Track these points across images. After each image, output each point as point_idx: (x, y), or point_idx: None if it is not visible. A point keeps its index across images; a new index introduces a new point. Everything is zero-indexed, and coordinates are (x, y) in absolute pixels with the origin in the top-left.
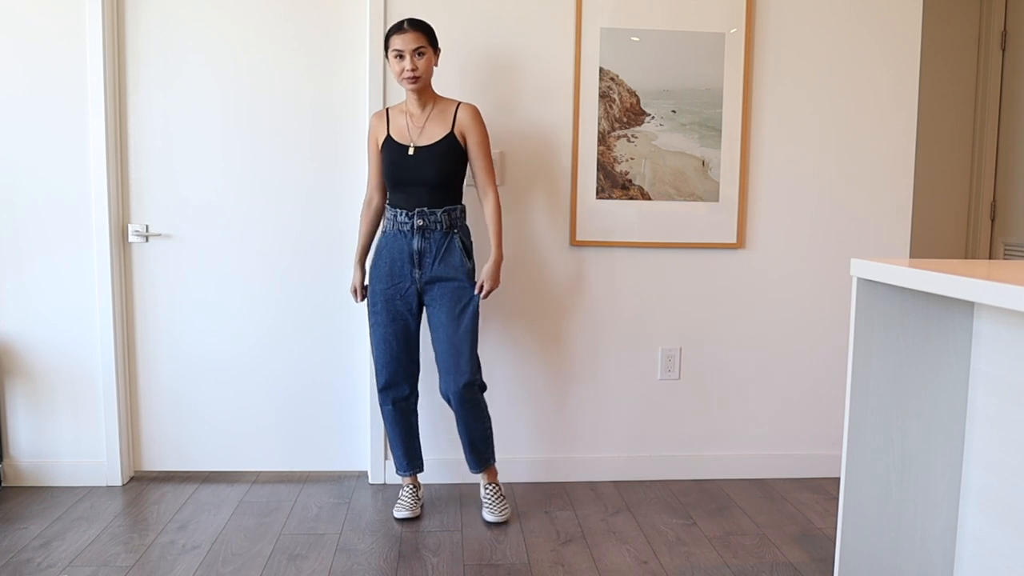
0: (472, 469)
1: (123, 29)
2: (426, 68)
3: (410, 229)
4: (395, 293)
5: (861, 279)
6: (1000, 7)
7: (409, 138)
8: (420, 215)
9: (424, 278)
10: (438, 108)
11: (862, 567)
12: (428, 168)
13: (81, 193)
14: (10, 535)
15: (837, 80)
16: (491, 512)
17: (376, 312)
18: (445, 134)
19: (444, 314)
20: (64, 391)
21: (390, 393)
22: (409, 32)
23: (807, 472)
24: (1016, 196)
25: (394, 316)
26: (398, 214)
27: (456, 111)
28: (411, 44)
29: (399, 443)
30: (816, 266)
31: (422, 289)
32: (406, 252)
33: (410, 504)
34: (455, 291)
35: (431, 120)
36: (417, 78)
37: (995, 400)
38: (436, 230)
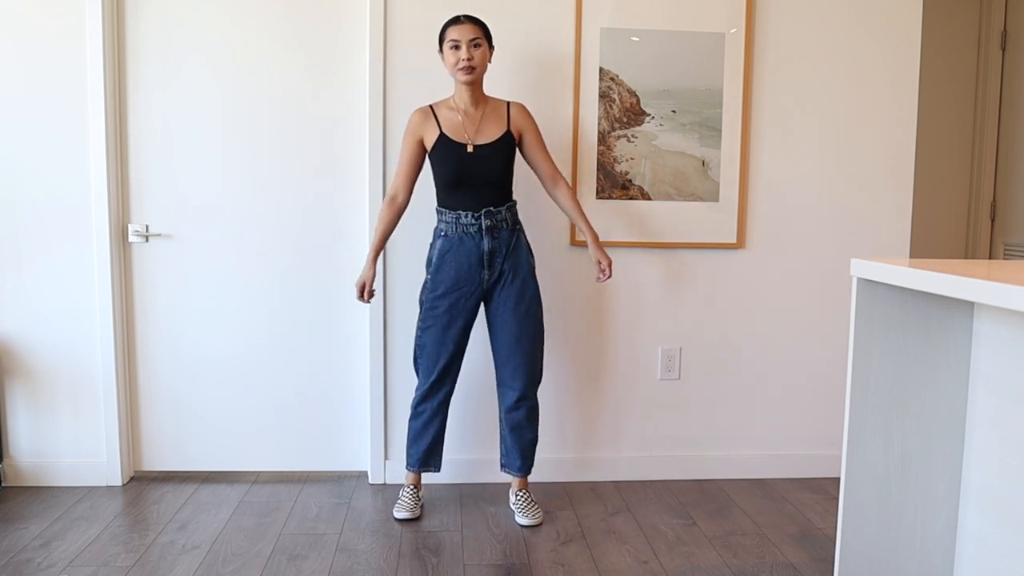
0: (513, 472)
1: (123, 29)
2: (481, 60)
3: (478, 230)
4: (460, 297)
5: (861, 279)
6: (1000, 7)
7: (466, 136)
8: (488, 215)
9: (492, 279)
10: (491, 107)
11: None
12: (491, 166)
13: (81, 193)
14: (10, 535)
15: (837, 80)
16: (526, 516)
17: (437, 316)
18: (503, 132)
19: (510, 314)
20: (64, 391)
21: (438, 394)
22: (466, 24)
23: (807, 472)
24: (1016, 196)
25: (457, 319)
26: (462, 216)
27: (508, 109)
28: (468, 35)
29: (428, 441)
30: (816, 266)
31: (488, 290)
32: (475, 254)
33: (410, 505)
34: (521, 290)
35: (486, 118)
36: (472, 68)
37: (995, 400)
38: (503, 228)
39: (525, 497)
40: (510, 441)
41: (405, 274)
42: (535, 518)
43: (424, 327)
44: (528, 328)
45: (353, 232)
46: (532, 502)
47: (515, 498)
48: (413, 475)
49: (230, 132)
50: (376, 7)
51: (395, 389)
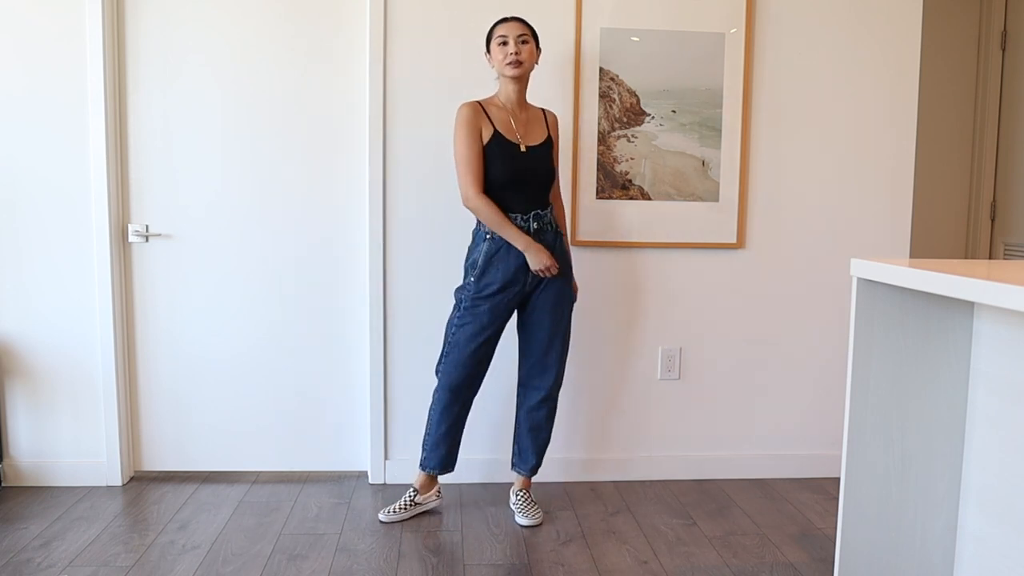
0: (524, 472)
1: (123, 29)
2: (529, 57)
3: (528, 232)
4: (503, 299)
5: (861, 279)
6: (1000, 7)
7: (517, 136)
8: (536, 218)
9: (535, 282)
10: (533, 111)
11: (862, 567)
12: (542, 167)
13: (81, 193)
14: (10, 535)
15: (837, 80)
16: (526, 517)
17: (478, 315)
18: (546, 136)
19: (547, 315)
20: (64, 391)
21: (463, 394)
22: (514, 22)
23: (807, 472)
24: (1016, 196)
25: (495, 321)
26: (514, 218)
27: (546, 115)
28: (515, 31)
29: (448, 442)
30: (816, 266)
31: (529, 291)
32: (522, 257)
33: (400, 510)
34: (561, 290)
35: (531, 120)
36: (520, 63)
37: (995, 400)
38: (548, 231)
39: (525, 497)
40: (527, 440)
41: (405, 275)
42: (535, 518)
43: (459, 324)
44: (562, 329)
45: (353, 232)
46: (532, 502)
47: (515, 498)
48: (426, 477)
49: (230, 132)
50: (376, 7)
51: (395, 389)
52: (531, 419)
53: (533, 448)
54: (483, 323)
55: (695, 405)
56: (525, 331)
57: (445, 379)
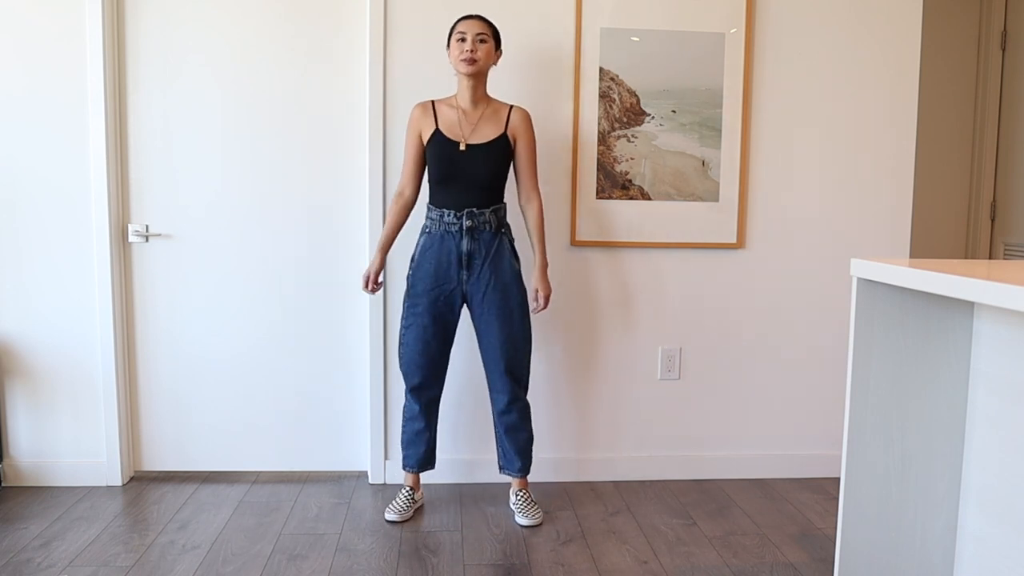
0: (514, 473)
1: (123, 29)
2: (485, 56)
3: (459, 230)
4: (439, 295)
5: (861, 279)
6: (1000, 7)
7: (460, 135)
8: (469, 216)
9: (471, 280)
10: (491, 108)
11: (862, 567)
12: (479, 167)
13: (81, 193)
14: (10, 535)
15: (837, 80)
16: (526, 517)
17: (417, 313)
18: (498, 134)
19: (494, 319)
20: (64, 391)
21: (423, 394)
22: (475, 19)
23: (807, 472)
24: (1016, 196)
25: (436, 318)
26: (445, 214)
27: (510, 113)
28: (475, 29)
29: (422, 441)
30: (816, 266)
31: (467, 292)
32: (454, 254)
33: (402, 508)
34: (504, 295)
35: (484, 119)
36: (475, 61)
37: (995, 400)
38: (485, 231)
39: (525, 497)
40: (506, 443)
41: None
42: (535, 518)
43: (405, 326)
44: (514, 332)
45: (353, 232)
46: (532, 502)
47: (515, 498)
48: (412, 476)
49: (230, 132)
50: (376, 7)
51: (395, 389)
52: (504, 423)
53: (514, 450)
54: (424, 322)
55: (695, 405)
56: (478, 336)
57: (405, 381)
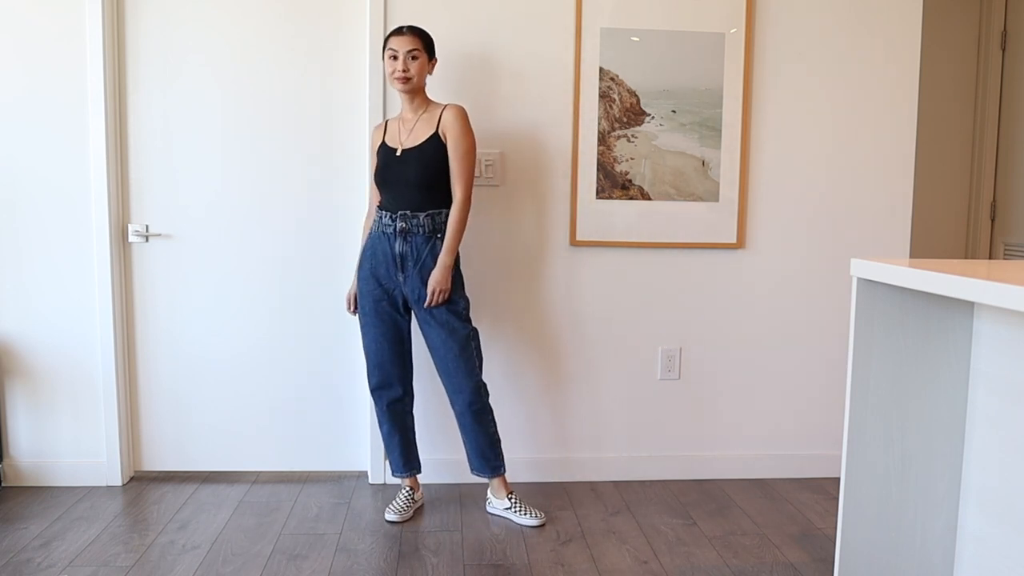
0: (481, 474)
1: (123, 29)
2: (418, 71)
3: (393, 232)
4: (381, 294)
5: (861, 279)
6: (1000, 7)
7: (399, 141)
8: (402, 218)
9: (406, 283)
10: (428, 112)
11: (862, 567)
12: (410, 168)
13: (81, 193)
14: (10, 535)
15: (837, 80)
16: (527, 518)
17: (365, 314)
18: (430, 135)
19: (429, 329)
20: (64, 391)
21: (383, 394)
22: (406, 35)
23: (807, 472)
24: (1016, 196)
25: (382, 318)
26: (383, 216)
27: (442, 112)
28: (406, 46)
29: (395, 445)
30: (816, 266)
31: (407, 295)
32: (389, 255)
33: (402, 508)
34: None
35: (420, 123)
36: (408, 79)
37: (995, 400)
38: (418, 234)
39: (514, 501)
40: (468, 446)
41: None
42: (539, 517)
43: (360, 327)
44: (452, 337)
45: (353, 232)
46: (523, 503)
47: (509, 503)
48: (406, 478)
49: (230, 132)
50: (376, 7)
51: None
52: (463, 427)
53: (475, 451)
54: (371, 322)
55: (695, 405)
56: (427, 341)
57: (368, 382)
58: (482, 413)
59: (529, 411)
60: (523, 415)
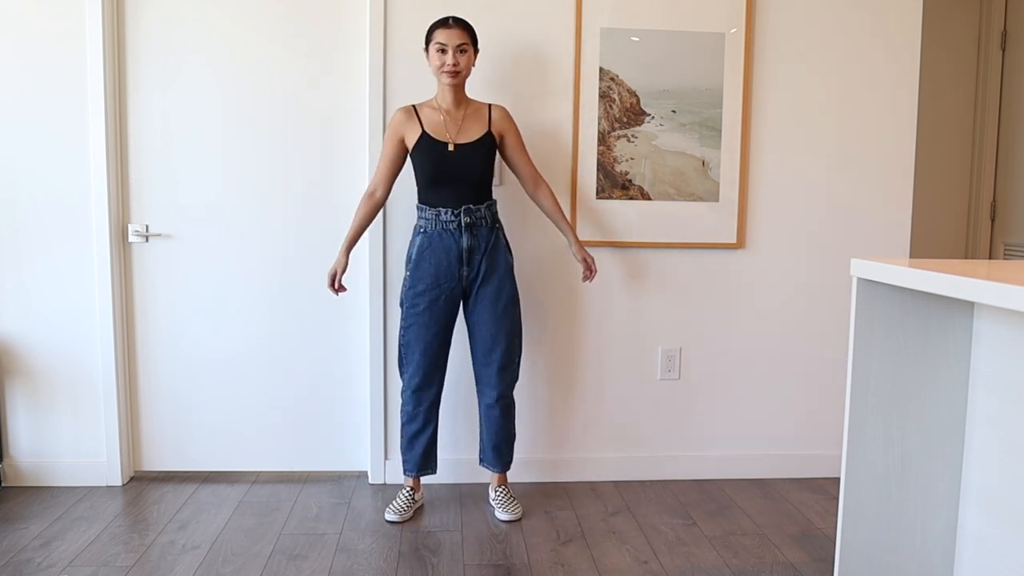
0: (493, 468)
1: (123, 29)
2: (466, 65)
3: (457, 227)
4: (440, 295)
5: (861, 279)
6: (1000, 7)
7: (447, 135)
8: (467, 212)
9: (471, 276)
10: (472, 108)
11: (862, 567)
12: (471, 165)
13: (81, 193)
14: (10, 535)
15: (837, 80)
16: (506, 512)
17: (418, 314)
18: (483, 132)
19: (487, 312)
20: (64, 391)
21: (425, 395)
22: (454, 28)
23: (807, 472)
24: (1016, 196)
25: (438, 318)
26: (442, 212)
27: (490, 111)
28: (455, 40)
29: (422, 444)
30: (816, 266)
31: (467, 287)
32: (454, 251)
33: (401, 508)
34: (499, 287)
35: (468, 118)
36: (457, 73)
37: (995, 400)
38: (482, 226)
39: (505, 493)
40: (486, 438)
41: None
42: (515, 513)
43: (406, 326)
44: (506, 327)
45: None
46: (512, 498)
47: (495, 494)
48: (414, 479)
49: (230, 132)
50: (376, 7)
51: (395, 389)
52: (489, 418)
53: (493, 446)
54: (424, 321)
55: (695, 405)
56: (469, 329)
57: (406, 382)
58: (511, 408)
59: (529, 411)
60: (523, 415)
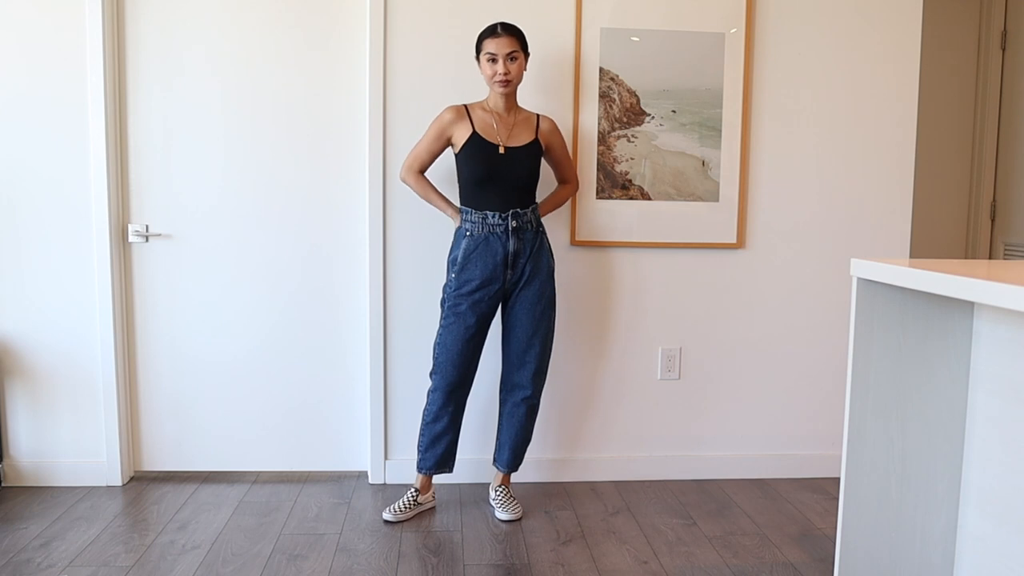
0: (504, 467)
1: (123, 29)
2: (518, 73)
3: (504, 231)
4: (483, 296)
5: (861, 279)
6: (1000, 7)
7: (498, 138)
8: (514, 216)
9: (513, 279)
10: (523, 115)
11: (862, 567)
12: (521, 168)
13: (81, 193)
14: (10, 535)
15: (837, 80)
16: (506, 511)
17: (459, 313)
18: (532, 139)
19: (526, 313)
20: (64, 391)
21: (457, 394)
22: (504, 37)
23: (807, 472)
24: (1016, 196)
25: (478, 318)
26: (488, 216)
27: (538, 121)
28: (505, 48)
29: (444, 443)
30: (816, 266)
31: (509, 289)
32: (500, 255)
33: (400, 510)
34: (540, 290)
35: (518, 124)
36: (509, 82)
37: (995, 400)
38: (528, 230)
39: (505, 493)
40: (506, 439)
41: (405, 275)
42: (515, 513)
43: (446, 324)
44: (543, 329)
45: (353, 232)
46: (511, 498)
47: (495, 494)
48: (424, 478)
49: (230, 132)
50: (376, 6)
51: (395, 389)
52: (512, 418)
53: (511, 447)
54: (468, 322)
55: (695, 405)
56: (506, 329)
57: (440, 380)
58: (535, 410)
59: None
60: None
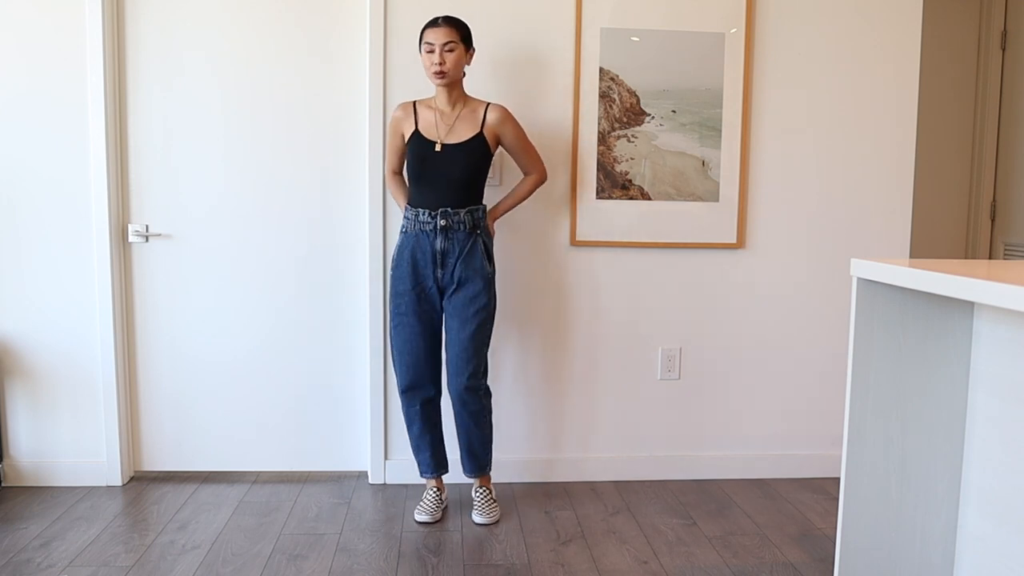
0: (466, 473)
1: (123, 29)
2: (454, 64)
3: (433, 229)
4: (419, 293)
5: (861, 279)
6: (1000, 7)
7: (437, 135)
8: (443, 215)
9: (445, 279)
10: (468, 108)
11: (862, 567)
12: (455, 166)
13: (81, 193)
14: (10, 535)
15: (837, 80)
16: (481, 514)
17: (401, 313)
18: (474, 134)
19: (457, 316)
20: (64, 391)
21: (416, 395)
22: (441, 27)
23: (807, 472)
24: (1016, 196)
25: (420, 316)
26: (420, 213)
27: (485, 111)
28: (441, 39)
29: (426, 445)
30: (816, 266)
31: (443, 289)
32: (428, 252)
33: (431, 508)
34: (472, 294)
35: (461, 119)
36: (444, 73)
37: (995, 400)
38: (459, 230)
39: (485, 495)
40: (462, 441)
41: None
42: (491, 517)
43: (392, 327)
44: (468, 332)
45: (353, 232)
46: (491, 500)
47: (474, 495)
48: (432, 479)
49: (230, 132)
50: (376, 6)
51: (395, 389)
52: (461, 423)
53: (467, 451)
54: (409, 321)
55: (695, 405)
56: (444, 330)
57: (398, 382)
58: (480, 414)
59: (529, 411)
60: (523, 415)
